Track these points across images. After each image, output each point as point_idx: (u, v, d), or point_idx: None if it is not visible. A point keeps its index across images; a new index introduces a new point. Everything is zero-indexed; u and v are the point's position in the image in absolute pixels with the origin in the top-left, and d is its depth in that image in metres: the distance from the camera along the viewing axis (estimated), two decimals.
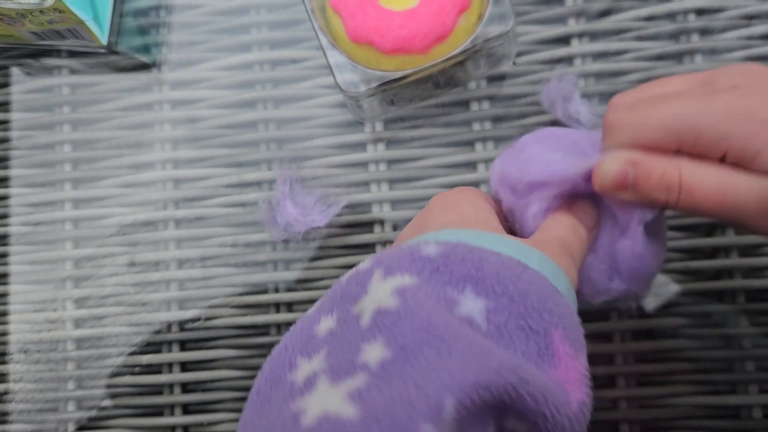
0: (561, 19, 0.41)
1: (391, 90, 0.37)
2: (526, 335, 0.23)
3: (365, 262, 0.25)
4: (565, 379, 0.23)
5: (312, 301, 0.40)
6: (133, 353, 0.41)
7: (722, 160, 0.25)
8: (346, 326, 0.23)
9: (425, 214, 0.29)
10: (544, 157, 0.29)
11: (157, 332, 0.41)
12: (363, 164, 0.41)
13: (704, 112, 0.25)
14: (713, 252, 0.38)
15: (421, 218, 0.29)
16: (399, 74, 0.36)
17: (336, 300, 0.25)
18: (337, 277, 0.40)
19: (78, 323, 0.41)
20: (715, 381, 0.37)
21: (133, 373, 0.40)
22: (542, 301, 0.23)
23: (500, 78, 0.41)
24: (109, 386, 0.40)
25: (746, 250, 0.38)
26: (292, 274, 0.40)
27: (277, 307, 0.40)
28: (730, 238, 0.38)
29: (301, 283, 0.40)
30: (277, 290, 0.40)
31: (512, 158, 0.30)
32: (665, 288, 0.38)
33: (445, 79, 0.39)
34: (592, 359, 0.25)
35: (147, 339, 0.41)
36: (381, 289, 0.23)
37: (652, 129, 0.26)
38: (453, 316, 0.22)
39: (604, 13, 0.41)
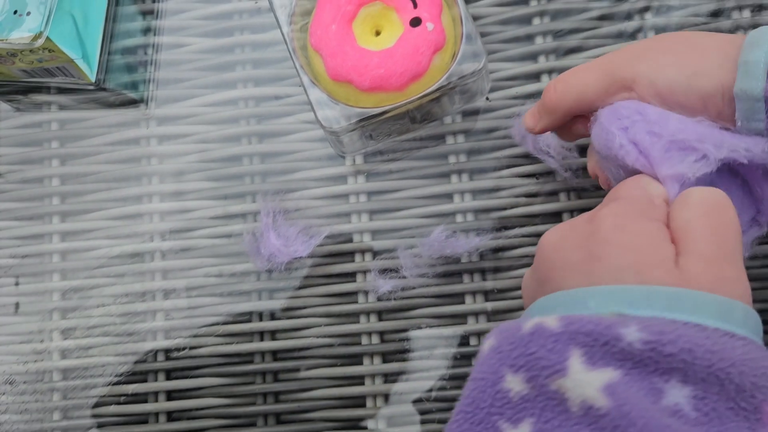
0: (532, 57, 0.43)
1: (369, 125, 0.38)
2: (735, 413, 0.23)
3: (552, 321, 0.25)
4: None
5: (296, 329, 0.41)
6: (119, 383, 0.41)
7: None
8: (547, 402, 0.24)
9: (595, 243, 0.27)
10: (683, 117, 0.29)
11: (143, 362, 0.41)
12: (344, 196, 0.42)
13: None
14: None
15: (588, 244, 0.27)
16: (377, 110, 0.37)
17: (519, 356, 0.24)
18: (320, 305, 0.41)
19: (64, 354, 0.42)
20: None
21: (118, 403, 0.41)
22: (754, 378, 0.23)
23: (474, 113, 0.42)
24: (94, 416, 0.41)
25: None
26: (276, 303, 0.41)
27: (261, 335, 0.41)
28: None
29: (285, 312, 0.41)
30: (261, 319, 0.41)
31: (629, 126, 0.30)
32: None
33: (421, 114, 0.41)
34: None
35: (133, 368, 0.41)
36: (587, 382, 0.23)
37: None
38: (659, 409, 0.23)
39: (573, 51, 0.43)
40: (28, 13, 0.40)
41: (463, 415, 0.25)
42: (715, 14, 0.42)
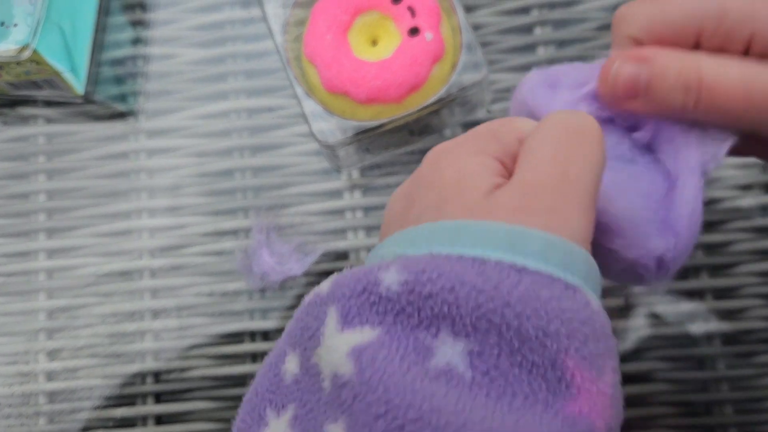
0: (533, 68, 0.42)
1: (366, 138, 0.37)
2: (527, 372, 0.19)
3: (325, 284, 0.21)
4: (587, 410, 0.19)
5: None
6: (106, 406, 0.40)
7: (746, 52, 0.23)
8: (309, 380, 0.21)
9: (414, 187, 0.24)
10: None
11: (132, 384, 0.40)
12: (340, 212, 0.41)
13: None
14: (688, 295, 0.39)
15: (409, 190, 0.24)
16: (374, 123, 0.36)
17: (297, 332, 0.21)
18: None
19: (51, 376, 0.40)
20: (695, 426, 0.37)
21: (106, 427, 0.39)
22: (543, 322, 0.19)
23: (474, 125, 0.41)
24: None
25: (721, 293, 0.38)
26: (269, 324, 0.40)
27: (253, 357, 0.40)
28: (704, 281, 0.39)
29: (278, 333, 0.40)
30: (253, 340, 0.40)
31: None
32: (637, 333, 0.38)
33: (420, 127, 0.39)
34: None
35: (121, 392, 0.40)
36: (336, 347, 0.19)
37: (669, 13, 0.23)
38: (424, 372, 0.19)
39: (574, 61, 0.42)
40: (15, 25, 0.39)
41: (243, 405, 0.22)
42: None
